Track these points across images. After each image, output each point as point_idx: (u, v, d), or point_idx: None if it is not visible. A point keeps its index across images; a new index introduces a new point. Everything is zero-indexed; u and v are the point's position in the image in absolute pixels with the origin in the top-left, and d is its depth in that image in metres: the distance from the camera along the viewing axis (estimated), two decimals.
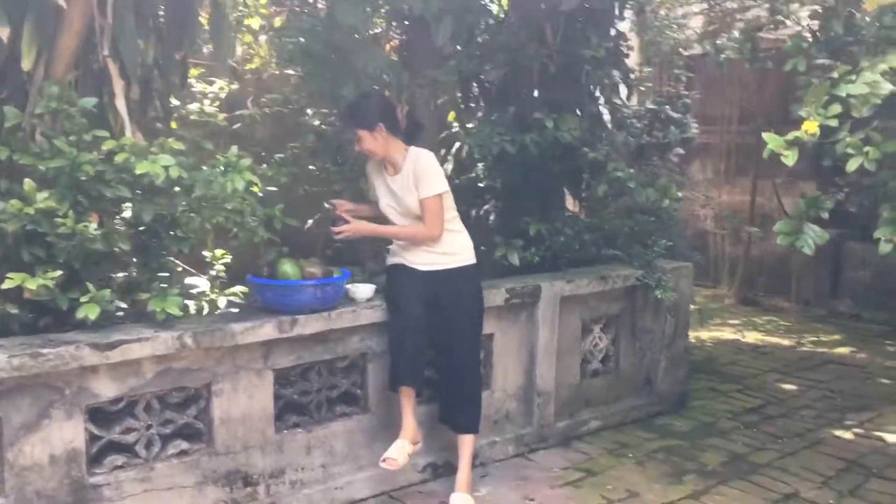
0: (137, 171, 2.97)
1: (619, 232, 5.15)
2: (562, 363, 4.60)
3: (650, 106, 4.92)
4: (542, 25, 4.99)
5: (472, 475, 3.88)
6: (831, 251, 8.58)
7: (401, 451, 3.63)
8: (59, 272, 3.00)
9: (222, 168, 3.23)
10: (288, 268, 3.53)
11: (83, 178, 3.13)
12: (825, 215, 3.33)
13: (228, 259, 4.48)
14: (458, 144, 5.20)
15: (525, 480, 4.13)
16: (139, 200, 3.24)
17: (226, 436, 3.45)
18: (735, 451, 4.58)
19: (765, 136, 3.15)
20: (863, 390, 5.78)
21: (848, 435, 4.91)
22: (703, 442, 4.73)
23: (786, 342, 7.16)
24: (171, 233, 3.41)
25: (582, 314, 4.72)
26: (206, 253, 4.23)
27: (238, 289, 4.16)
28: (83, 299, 3.07)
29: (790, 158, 3.08)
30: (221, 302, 3.91)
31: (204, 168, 3.29)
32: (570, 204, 5.70)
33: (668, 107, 4.87)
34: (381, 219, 4.07)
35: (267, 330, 3.44)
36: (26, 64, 3.41)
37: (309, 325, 3.57)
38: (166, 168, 3.06)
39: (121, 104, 3.53)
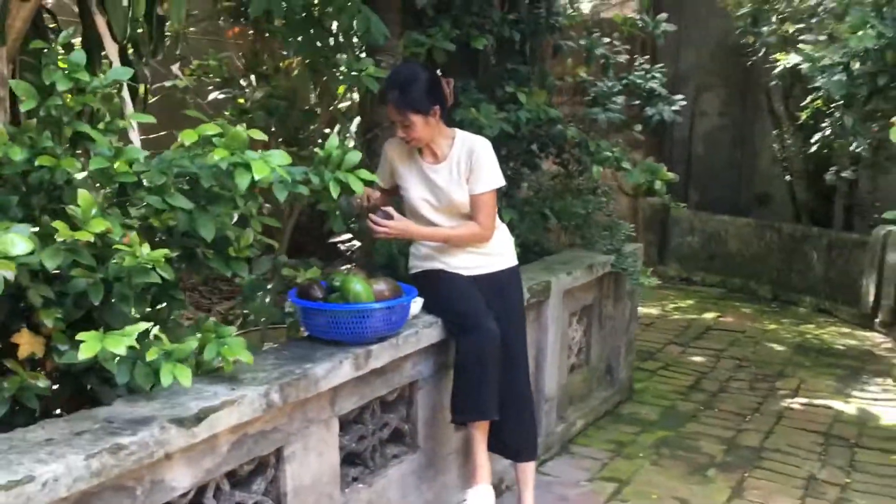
0: (257, 176, 2.10)
1: (573, 215, 4.83)
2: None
3: (636, 80, 4.62)
4: None
5: None
6: (658, 218, 9.00)
7: (490, 498, 3.06)
8: (145, 325, 2.07)
9: (314, 166, 2.42)
10: (359, 287, 2.77)
11: (127, 184, 2.20)
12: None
13: None
14: None
15: (565, 501, 3.73)
16: (192, 212, 2.34)
17: None
18: (724, 437, 4.51)
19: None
20: (765, 357, 6.03)
21: (796, 405, 5.06)
22: (685, 430, 4.61)
23: (653, 311, 7.32)
24: (219, 251, 2.52)
25: (569, 307, 4.37)
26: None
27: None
28: (150, 356, 2.15)
29: None
30: None
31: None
32: None
33: (655, 81, 4.60)
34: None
35: (346, 370, 2.69)
36: None
37: (382, 356, 2.86)
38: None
39: None
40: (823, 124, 5.66)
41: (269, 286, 3.73)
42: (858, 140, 4.47)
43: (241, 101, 4.26)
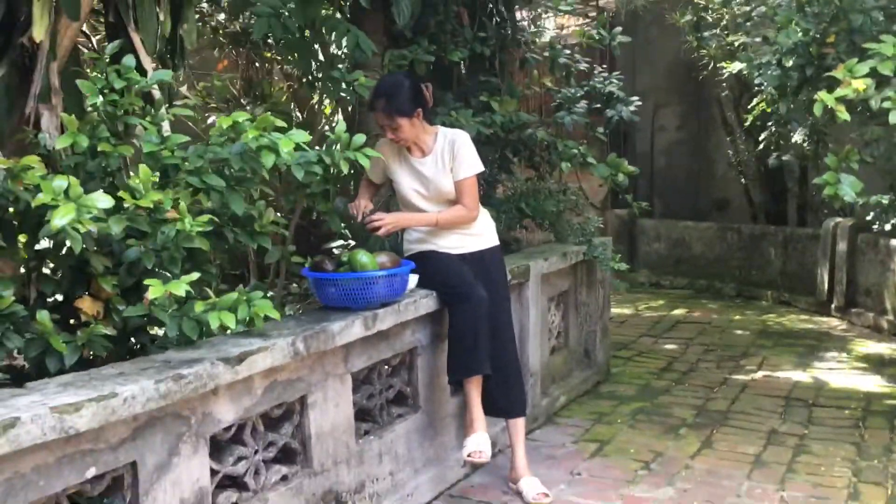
0: (284, 149, 2.53)
1: (547, 213, 5.28)
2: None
3: (595, 85, 5.12)
4: (459, 8, 4.99)
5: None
6: (625, 228, 9.50)
7: (486, 443, 3.47)
8: (196, 274, 2.48)
9: (325, 147, 2.86)
10: (366, 258, 3.20)
11: (169, 166, 2.62)
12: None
13: None
14: None
15: (552, 459, 4.12)
16: (223, 191, 2.76)
17: (321, 452, 3.05)
18: (694, 404, 4.94)
19: (820, 95, 3.45)
20: (730, 342, 6.49)
21: (758, 377, 5.51)
22: (659, 401, 5.03)
23: (626, 311, 7.78)
24: (244, 228, 2.94)
25: (547, 292, 4.80)
26: None
27: None
28: (199, 308, 2.56)
29: (843, 114, 3.42)
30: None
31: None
32: None
33: (613, 85, 5.11)
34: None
35: (356, 329, 3.11)
36: (38, 33, 2.75)
37: (386, 319, 3.28)
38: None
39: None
40: (769, 123, 6.20)
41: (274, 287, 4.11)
42: (794, 125, 4.99)
43: None
